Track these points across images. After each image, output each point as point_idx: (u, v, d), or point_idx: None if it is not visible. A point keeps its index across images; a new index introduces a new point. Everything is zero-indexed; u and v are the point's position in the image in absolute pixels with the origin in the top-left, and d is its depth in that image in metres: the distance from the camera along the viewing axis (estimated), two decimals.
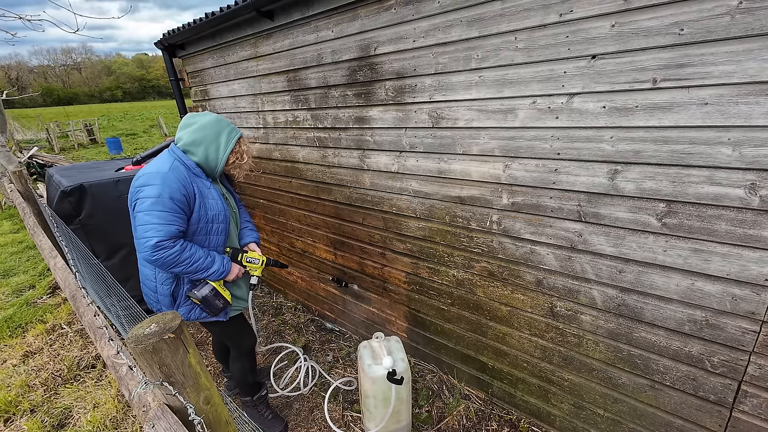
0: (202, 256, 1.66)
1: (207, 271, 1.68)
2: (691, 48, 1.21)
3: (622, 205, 1.48)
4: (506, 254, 1.90)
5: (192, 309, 1.78)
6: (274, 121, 2.89)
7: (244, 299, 2.00)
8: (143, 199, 1.54)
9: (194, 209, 1.66)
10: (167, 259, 1.55)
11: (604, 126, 1.44)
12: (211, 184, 1.77)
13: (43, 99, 76.27)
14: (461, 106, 1.80)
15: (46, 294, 4.08)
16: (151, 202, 1.53)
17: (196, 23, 2.85)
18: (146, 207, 1.53)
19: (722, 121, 1.22)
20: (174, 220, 1.56)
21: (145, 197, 1.54)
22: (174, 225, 1.56)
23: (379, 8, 1.93)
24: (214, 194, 1.74)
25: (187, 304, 1.77)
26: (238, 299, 1.96)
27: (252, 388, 2.21)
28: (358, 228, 2.61)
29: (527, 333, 1.97)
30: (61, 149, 14.92)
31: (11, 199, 6.24)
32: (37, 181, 8.62)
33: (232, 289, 1.89)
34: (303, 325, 3.28)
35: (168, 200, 1.54)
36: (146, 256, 1.55)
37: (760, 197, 1.21)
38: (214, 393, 0.99)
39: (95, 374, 2.79)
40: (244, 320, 2.09)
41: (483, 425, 2.19)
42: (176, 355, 0.86)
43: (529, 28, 1.50)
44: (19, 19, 6.03)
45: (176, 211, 1.57)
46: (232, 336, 2.04)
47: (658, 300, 1.51)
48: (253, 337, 2.14)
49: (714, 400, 1.49)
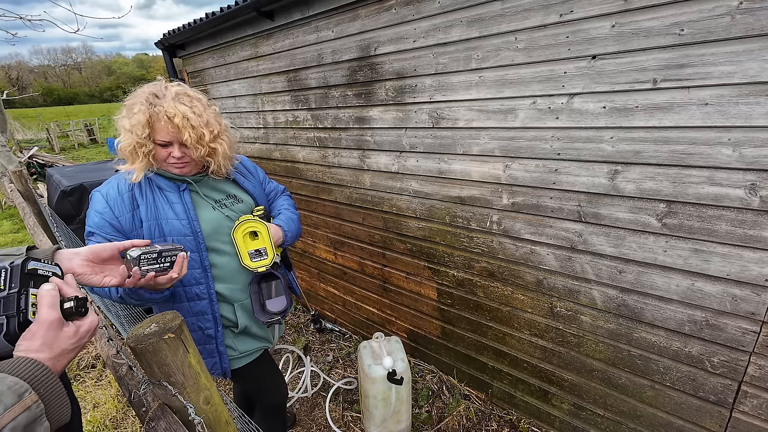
0: None
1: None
2: (692, 48, 1.21)
3: (622, 206, 1.48)
4: (506, 254, 1.90)
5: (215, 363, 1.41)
6: (274, 121, 2.90)
7: (266, 339, 1.54)
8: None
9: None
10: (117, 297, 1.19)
11: (605, 126, 1.44)
12: (181, 193, 1.28)
13: (43, 99, 76.33)
14: (461, 106, 1.80)
15: None
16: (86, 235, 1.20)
17: (197, 23, 2.85)
18: None
19: (722, 121, 1.22)
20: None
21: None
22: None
23: (380, 8, 1.93)
24: (178, 211, 1.26)
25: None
26: (257, 338, 1.51)
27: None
28: (358, 228, 2.61)
29: (527, 333, 1.97)
30: (62, 149, 14.93)
31: (11, 199, 6.25)
32: (37, 181, 8.62)
33: (251, 320, 1.46)
34: (303, 325, 3.28)
35: (91, 236, 1.20)
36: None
37: (761, 198, 1.21)
38: (214, 393, 0.99)
39: (95, 374, 2.79)
40: (269, 365, 1.63)
41: (483, 425, 2.19)
42: (176, 355, 0.86)
43: (529, 28, 1.50)
44: (19, 19, 6.03)
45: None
46: (252, 387, 1.62)
47: (658, 300, 1.51)
48: (282, 391, 1.70)
49: (714, 401, 1.49)
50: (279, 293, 1.44)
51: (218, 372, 1.42)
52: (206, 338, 1.38)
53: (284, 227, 1.48)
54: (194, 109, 1.21)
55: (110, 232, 1.21)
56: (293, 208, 1.62)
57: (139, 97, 1.19)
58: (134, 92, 1.22)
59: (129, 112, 1.19)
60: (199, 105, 1.24)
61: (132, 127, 1.17)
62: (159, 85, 1.23)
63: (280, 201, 1.62)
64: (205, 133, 1.22)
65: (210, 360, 1.40)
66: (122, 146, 1.20)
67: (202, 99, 1.28)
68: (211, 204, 1.35)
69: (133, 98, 1.20)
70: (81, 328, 0.71)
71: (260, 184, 1.55)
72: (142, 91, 1.21)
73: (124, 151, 1.21)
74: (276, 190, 1.64)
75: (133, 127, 1.16)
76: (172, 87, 1.24)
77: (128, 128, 1.18)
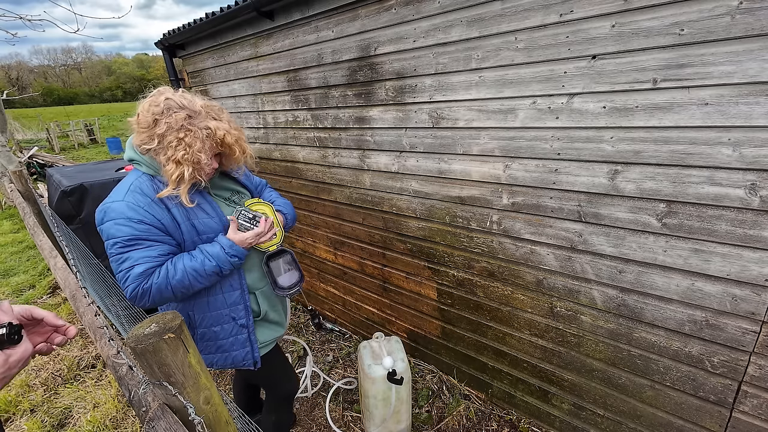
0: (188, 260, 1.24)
1: (207, 268, 1.24)
2: (692, 48, 1.21)
3: (623, 206, 1.48)
4: (506, 254, 1.90)
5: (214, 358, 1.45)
6: (274, 121, 2.89)
7: (281, 323, 1.58)
8: (105, 242, 1.21)
9: (179, 239, 1.26)
10: (157, 297, 1.21)
11: (605, 126, 1.44)
12: (200, 194, 1.32)
13: (43, 99, 76.31)
14: (461, 106, 1.80)
15: (46, 294, 4.08)
16: (110, 246, 1.19)
17: (197, 23, 2.85)
18: (110, 253, 1.20)
19: (722, 121, 1.22)
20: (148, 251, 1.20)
21: (106, 240, 1.20)
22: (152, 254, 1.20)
23: (380, 8, 1.93)
24: (207, 210, 1.31)
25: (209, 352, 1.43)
26: (273, 324, 1.55)
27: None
28: (358, 228, 2.61)
29: (527, 333, 1.97)
30: (62, 149, 14.92)
31: (11, 199, 6.25)
32: (37, 181, 8.62)
33: (269, 306, 1.51)
34: (303, 325, 3.28)
35: (137, 244, 1.19)
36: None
37: (761, 197, 1.21)
38: (214, 393, 0.99)
39: (95, 374, 2.79)
40: (282, 356, 1.69)
41: (483, 425, 2.19)
42: (176, 355, 0.86)
43: (529, 28, 1.50)
44: (19, 19, 6.03)
45: (147, 239, 1.20)
46: (266, 379, 1.64)
47: (658, 300, 1.51)
48: (295, 381, 1.75)
49: (714, 401, 1.48)
50: (290, 268, 1.51)
51: (249, 363, 1.46)
52: (239, 329, 1.41)
53: (284, 210, 1.58)
54: (228, 122, 1.28)
55: (157, 234, 1.21)
56: (282, 198, 1.71)
57: (175, 123, 1.15)
58: (160, 119, 1.16)
59: (174, 142, 1.15)
60: (224, 113, 1.30)
61: (186, 157, 1.15)
62: (178, 100, 1.18)
63: (267, 192, 1.69)
64: (242, 137, 1.30)
65: (242, 351, 1.43)
66: (174, 177, 1.17)
67: (216, 103, 1.31)
68: (224, 201, 1.42)
69: (166, 127, 1.15)
70: (11, 357, 0.66)
71: (249, 179, 1.59)
72: (175, 120, 1.15)
73: (175, 180, 1.18)
74: (261, 184, 1.69)
75: (191, 156, 1.16)
76: (196, 99, 1.23)
77: (179, 159, 1.15)
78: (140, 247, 1.19)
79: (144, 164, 1.25)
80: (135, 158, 1.26)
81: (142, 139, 1.19)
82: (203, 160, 1.18)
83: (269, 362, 1.57)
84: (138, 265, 1.18)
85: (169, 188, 1.19)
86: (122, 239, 1.17)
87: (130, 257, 1.18)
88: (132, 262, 1.18)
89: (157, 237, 1.21)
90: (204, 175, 1.24)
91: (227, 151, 1.28)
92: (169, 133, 1.15)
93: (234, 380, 2.04)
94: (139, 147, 1.22)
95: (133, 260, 1.18)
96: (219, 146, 1.25)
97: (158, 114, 1.16)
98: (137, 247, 1.18)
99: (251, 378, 1.74)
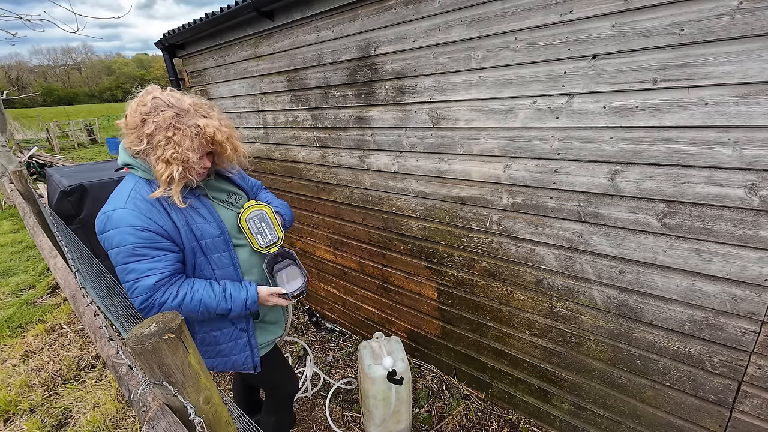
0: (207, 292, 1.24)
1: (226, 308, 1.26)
2: (692, 48, 1.21)
3: (622, 206, 1.48)
4: (506, 254, 1.90)
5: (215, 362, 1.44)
6: (274, 121, 2.89)
7: (280, 324, 1.58)
8: (109, 251, 1.19)
9: (180, 245, 1.24)
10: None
11: (605, 126, 1.44)
12: (198, 198, 1.28)
13: (43, 99, 76.30)
14: (461, 106, 1.80)
15: (46, 294, 4.08)
16: (114, 255, 1.18)
17: (197, 23, 2.85)
18: (115, 262, 1.18)
19: (722, 121, 1.22)
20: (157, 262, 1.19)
21: (109, 249, 1.18)
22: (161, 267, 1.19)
23: (380, 8, 1.93)
24: (205, 215, 1.28)
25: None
26: (271, 325, 1.55)
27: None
28: (358, 228, 2.61)
29: (527, 333, 1.97)
30: (61, 149, 14.92)
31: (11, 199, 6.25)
32: (37, 181, 8.62)
33: (263, 310, 1.50)
34: (303, 325, 3.28)
35: (140, 254, 1.17)
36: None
37: (760, 197, 1.21)
38: (214, 393, 0.99)
39: (95, 374, 2.79)
40: (282, 357, 1.69)
41: (483, 425, 2.19)
42: (176, 355, 0.86)
43: (529, 28, 1.50)
44: (19, 19, 6.03)
45: (155, 251, 1.19)
46: (266, 380, 1.63)
47: (658, 300, 1.51)
48: (294, 381, 1.75)
49: (714, 401, 1.49)
50: (293, 274, 1.48)
51: (249, 366, 1.45)
52: (239, 333, 1.41)
53: (281, 211, 1.56)
54: (219, 119, 1.25)
55: (161, 241, 1.18)
56: (278, 199, 1.69)
57: (162, 122, 1.12)
58: (147, 118, 1.13)
59: (163, 141, 1.12)
60: (215, 111, 1.26)
61: (175, 156, 1.12)
62: (166, 98, 1.16)
63: (263, 193, 1.66)
64: (233, 135, 1.27)
65: (242, 355, 1.43)
66: (165, 177, 1.14)
67: (207, 101, 1.28)
68: (221, 203, 1.38)
69: (154, 126, 1.12)
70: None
71: (244, 180, 1.56)
72: (162, 119, 1.12)
73: (166, 181, 1.15)
74: (256, 185, 1.66)
75: (180, 155, 1.12)
76: (185, 98, 1.20)
77: (168, 158, 1.12)
78: (146, 258, 1.17)
79: (140, 169, 1.21)
80: (130, 162, 1.22)
81: (132, 140, 1.16)
82: (192, 158, 1.15)
83: (268, 363, 1.56)
84: (146, 276, 1.16)
85: (161, 189, 1.17)
86: (127, 248, 1.15)
87: (136, 269, 1.16)
88: (139, 273, 1.16)
89: (161, 245, 1.19)
90: (195, 175, 1.20)
91: (218, 149, 1.24)
92: (158, 132, 1.12)
93: (234, 380, 2.03)
94: (130, 149, 1.19)
95: (140, 272, 1.16)
96: (209, 144, 1.21)
97: (146, 113, 1.13)
98: (144, 259, 1.16)
99: (251, 379, 1.74)
